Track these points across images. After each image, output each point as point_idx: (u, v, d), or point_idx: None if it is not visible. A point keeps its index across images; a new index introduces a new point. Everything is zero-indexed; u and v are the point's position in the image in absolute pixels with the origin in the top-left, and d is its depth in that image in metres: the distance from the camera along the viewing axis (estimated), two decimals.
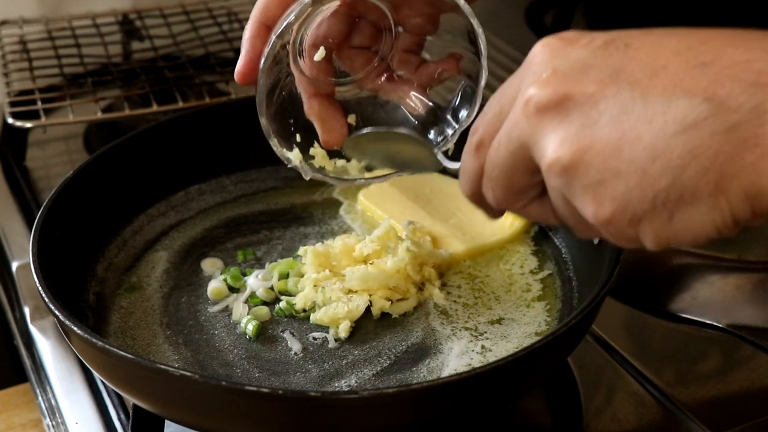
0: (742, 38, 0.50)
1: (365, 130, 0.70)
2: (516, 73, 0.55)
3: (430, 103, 0.78)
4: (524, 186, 0.56)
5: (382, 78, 0.79)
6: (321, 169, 0.78)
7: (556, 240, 0.88)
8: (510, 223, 0.89)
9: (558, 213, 0.56)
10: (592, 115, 0.50)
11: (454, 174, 0.65)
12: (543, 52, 0.53)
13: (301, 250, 0.85)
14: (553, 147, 0.52)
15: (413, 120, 0.79)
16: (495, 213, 0.62)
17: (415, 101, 0.78)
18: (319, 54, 0.75)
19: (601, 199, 0.51)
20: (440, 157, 0.68)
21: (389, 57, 0.78)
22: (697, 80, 0.49)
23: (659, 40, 0.51)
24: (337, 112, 0.78)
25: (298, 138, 0.77)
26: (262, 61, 0.72)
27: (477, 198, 0.61)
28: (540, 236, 0.89)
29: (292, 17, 0.70)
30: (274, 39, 0.71)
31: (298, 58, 0.76)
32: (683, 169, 0.48)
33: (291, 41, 0.74)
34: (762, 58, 0.48)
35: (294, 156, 0.77)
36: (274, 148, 0.76)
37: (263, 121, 0.74)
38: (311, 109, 0.77)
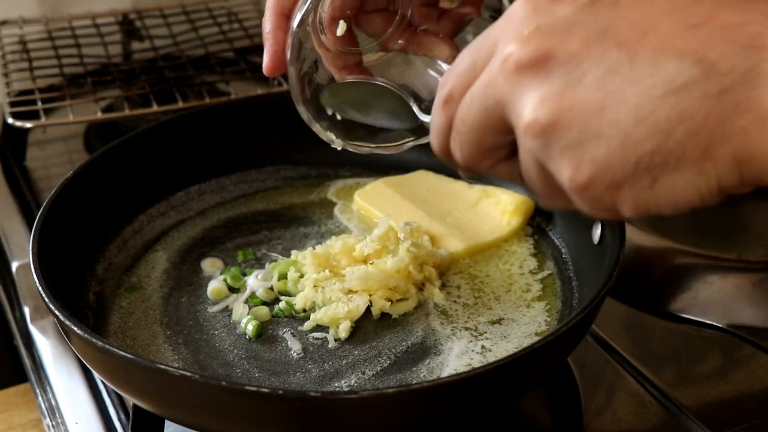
0: (736, 1, 0.48)
1: (347, 79, 0.70)
2: (493, 26, 0.53)
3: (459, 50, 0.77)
4: (494, 145, 0.54)
5: (406, 36, 0.78)
6: (361, 144, 0.78)
7: (556, 240, 0.88)
8: (507, 221, 0.89)
9: (526, 177, 0.54)
10: (575, 74, 0.48)
11: (448, 171, 0.65)
12: (525, 8, 0.51)
13: (293, 254, 0.86)
14: (531, 107, 0.49)
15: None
16: (465, 171, 0.59)
17: (443, 50, 0.77)
18: (341, 28, 0.74)
19: (580, 161, 0.48)
20: (415, 109, 0.67)
21: (409, 13, 0.77)
22: (687, 42, 0.47)
23: None
24: (367, 76, 0.76)
25: (337, 116, 0.77)
26: (288, 53, 0.72)
27: (446, 154, 0.58)
28: (540, 236, 0.89)
29: (308, 4, 0.70)
30: (295, 28, 0.70)
31: (321, 36, 0.75)
32: (670, 132, 0.46)
33: (311, 22, 0.74)
34: (757, 21, 0.47)
35: (336, 137, 0.76)
36: (319, 134, 0.76)
37: (301, 109, 0.74)
38: (341, 80, 0.76)
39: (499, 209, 0.90)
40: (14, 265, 1.01)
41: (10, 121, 1.12)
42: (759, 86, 0.45)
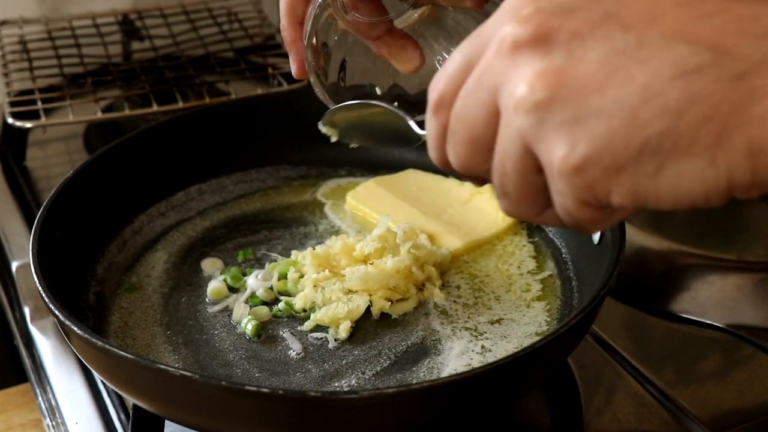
0: None
1: (344, 104, 0.70)
2: (487, 22, 0.49)
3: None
4: (492, 142, 0.49)
5: None
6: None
7: (556, 240, 0.88)
8: (502, 216, 0.90)
9: (500, 170, 0.49)
10: (577, 52, 0.45)
11: (438, 169, 0.63)
12: None
13: (293, 254, 0.86)
14: (526, 81, 0.45)
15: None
16: (467, 179, 0.54)
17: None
18: None
19: (576, 139, 0.44)
20: (413, 125, 0.67)
21: None
22: (699, 29, 0.44)
23: None
24: (405, 40, 0.74)
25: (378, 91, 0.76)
26: (307, 65, 0.73)
27: (444, 163, 0.53)
28: (539, 236, 0.89)
29: (311, 20, 0.71)
30: (307, 41, 0.72)
31: (345, 16, 0.74)
32: (681, 114, 0.43)
33: (327, 16, 0.74)
34: None
35: None
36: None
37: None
38: (380, 50, 0.74)
39: (492, 205, 0.90)
40: (14, 265, 1.01)
41: (10, 121, 1.12)
42: None
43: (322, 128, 0.76)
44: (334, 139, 0.77)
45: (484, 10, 0.74)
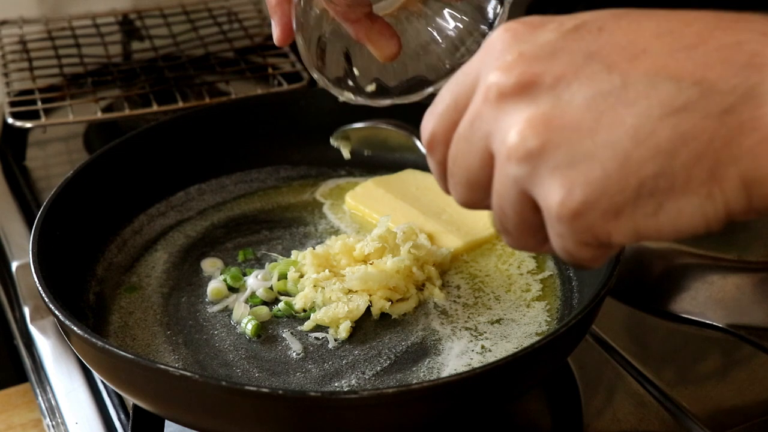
0: (730, 20, 0.45)
1: (352, 126, 0.72)
2: (472, 60, 0.50)
3: None
4: (487, 185, 0.49)
5: None
6: (380, 98, 0.77)
7: None
8: None
9: (499, 211, 0.49)
10: (564, 96, 0.45)
11: None
12: (504, 38, 0.48)
13: (293, 254, 0.86)
14: (516, 129, 0.45)
15: (461, 15, 0.77)
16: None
17: None
18: None
19: (572, 183, 0.44)
20: (419, 146, 0.68)
21: None
22: (682, 64, 0.44)
23: (637, 23, 0.46)
24: (383, 26, 0.74)
25: (356, 71, 0.77)
26: (294, 23, 0.72)
27: (449, 193, 0.55)
28: None
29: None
30: (296, 28, 0.72)
31: None
32: (673, 154, 0.43)
33: None
34: (754, 39, 0.44)
35: (354, 95, 0.77)
36: (340, 97, 0.76)
37: (316, 76, 0.74)
38: (358, 33, 0.74)
39: None
40: (14, 265, 1.01)
41: (10, 121, 1.12)
42: (763, 105, 0.43)
43: (334, 143, 0.77)
44: (347, 155, 0.78)
45: (464, 2, 0.75)
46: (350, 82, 0.77)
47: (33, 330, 0.93)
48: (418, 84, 0.77)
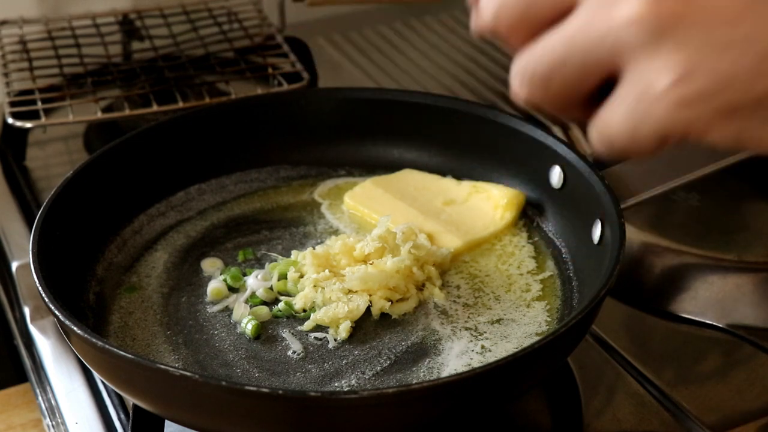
0: None
1: None
2: None
3: None
4: (543, 23, 0.43)
5: None
6: None
7: (556, 240, 0.88)
8: (501, 215, 0.90)
9: (549, 69, 0.42)
10: None
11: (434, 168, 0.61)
12: None
13: (293, 254, 0.86)
14: None
15: None
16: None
17: None
18: None
19: (696, 68, 0.39)
20: None
21: None
22: None
23: None
24: None
25: None
26: None
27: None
28: (539, 236, 0.89)
29: None
30: None
31: None
32: None
33: None
34: None
35: None
36: None
37: None
38: None
39: (491, 204, 0.90)
40: (14, 265, 1.01)
41: (10, 121, 1.12)
42: None
43: None
44: None
45: None
46: None
47: (33, 330, 0.93)
48: None
